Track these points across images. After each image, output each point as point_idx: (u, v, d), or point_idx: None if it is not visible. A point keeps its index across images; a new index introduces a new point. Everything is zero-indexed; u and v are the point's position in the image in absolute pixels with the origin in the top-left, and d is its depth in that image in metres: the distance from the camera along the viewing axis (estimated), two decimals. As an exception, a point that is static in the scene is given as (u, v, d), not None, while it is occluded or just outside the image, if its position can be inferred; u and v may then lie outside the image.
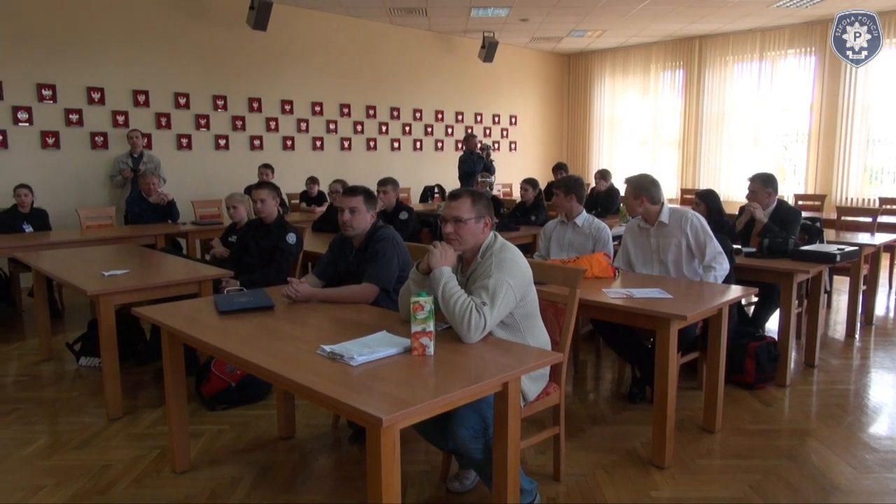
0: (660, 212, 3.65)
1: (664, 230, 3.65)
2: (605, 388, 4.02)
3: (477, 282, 2.35)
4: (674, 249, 3.61)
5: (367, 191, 3.22)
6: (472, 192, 2.51)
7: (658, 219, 3.66)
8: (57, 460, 3.05)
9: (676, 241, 3.60)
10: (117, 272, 3.78)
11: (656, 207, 3.66)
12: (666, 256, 3.64)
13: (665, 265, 3.65)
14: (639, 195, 3.65)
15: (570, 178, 4.28)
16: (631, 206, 3.71)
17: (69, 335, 4.94)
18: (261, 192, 4.24)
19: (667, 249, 3.64)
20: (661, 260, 3.67)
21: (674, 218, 3.63)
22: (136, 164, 7.02)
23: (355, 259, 3.16)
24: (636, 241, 3.80)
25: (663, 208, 3.66)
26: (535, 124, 12.30)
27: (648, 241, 3.72)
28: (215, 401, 3.62)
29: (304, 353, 2.18)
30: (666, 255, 3.64)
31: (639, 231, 3.78)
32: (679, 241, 3.59)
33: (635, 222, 3.82)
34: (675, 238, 3.61)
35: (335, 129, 9.35)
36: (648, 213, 3.67)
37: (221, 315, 2.73)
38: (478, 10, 8.93)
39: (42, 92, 6.82)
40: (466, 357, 2.16)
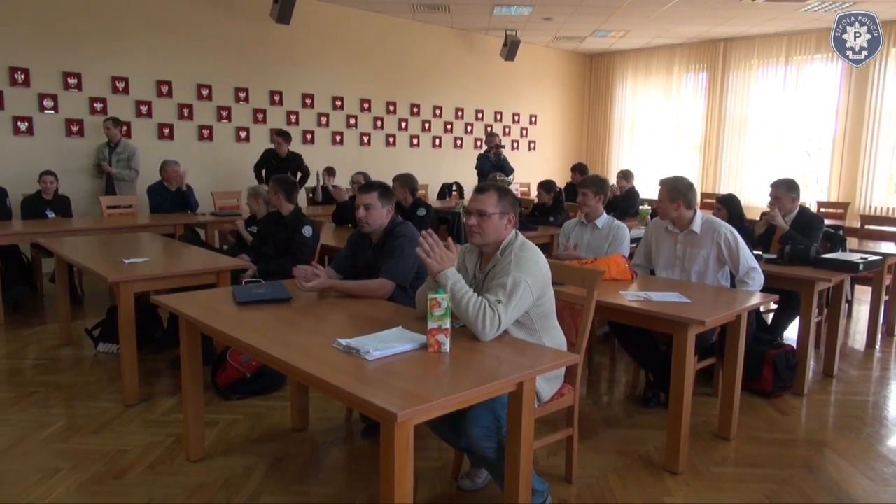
0: (692, 219, 3.56)
1: (693, 239, 3.56)
2: (620, 390, 3.99)
3: (495, 279, 2.34)
4: (700, 261, 3.53)
5: (383, 186, 3.22)
6: (500, 187, 2.50)
7: (689, 226, 3.57)
8: (73, 444, 3.09)
9: (705, 253, 3.51)
10: (137, 260, 3.82)
11: (690, 213, 3.56)
12: (690, 265, 3.56)
13: (687, 273, 3.58)
14: (675, 198, 3.54)
15: (598, 178, 4.24)
16: (665, 209, 3.58)
17: (88, 321, 5.00)
18: (272, 185, 4.32)
19: (693, 259, 3.55)
20: (684, 268, 3.60)
21: (705, 228, 3.52)
22: (111, 154, 6.76)
23: (373, 254, 3.17)
24: (660, 242, 3.72)
25: (696, 216, 3.56)
26: (555, 124, 12.25)
27: (674, 246, 3.64)
28: (230, 390, 3.65)
29: (320, 346, 2.19)
30: (691, 264, 3.56)
31: (665, 233, 3.70)
32: (708, 253, 3.50)
33: (662, 223, 3.73)
34: (703, 249, 3.51)
35: (355, 123, 9.38)
36: (682, 218, 3.56)
37: (239, 305, 2.74)
38: (501, 9, 8.90)
39: (68, 80, 6.90)
40: (482, 355, 2.15)
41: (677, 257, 3.63)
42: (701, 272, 3.54)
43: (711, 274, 3.53)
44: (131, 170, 6.72)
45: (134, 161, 6.78)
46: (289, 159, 7.55)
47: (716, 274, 3.54)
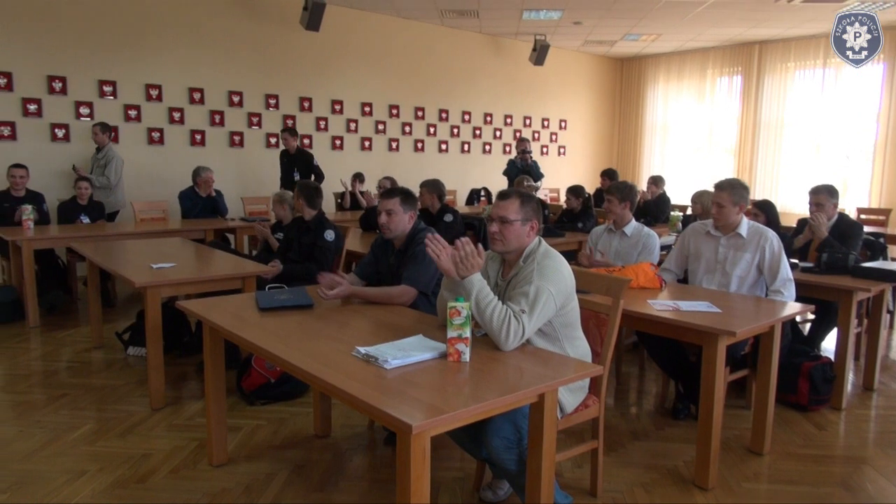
0: (740, 223, 3.50)
1: (738, 242, 3.48)
2: (648, 402, 3.90)
3: (517, 287, 2.30)
4: (744, 265, 3.45)
5: (405, 192, 3.19)
6: (523, 193, 2.45)
7: (736, 230, 3.49)
8: (101, 446, 3.12)
9: (749, 257, 3.44)
10: (165, 265, 3.86)
11: (740, 217, 3.51)
12: (732, 269, 3.47)
13: (728, 277, 3.49)
14: (738, 202, 3.47)
15: (625, 184, 4.16)
16: (727, 213, 3.47)
17: (120, 324, 5.08)
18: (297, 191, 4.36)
19: (736, 262, 3.47)
20: (725, 271, 3.51)
21: (752, 233, 3.47)
22: (92, 161, 6.62)
23: (395, 260, 3.15)
24: (700, 246, 3.63)
25: (743, 220, 3.52)
26: (585, 129, 12.13)
27: (716, 250, 3.56)
28: (255, 395, 3.66)
29: (340, 354, 2.17)
30: (733, 267, 3.47)
31: (706, 237, 3.61)
32: (753, 257, 3.43)
33: (702, 227, 3.66)
34: (748, 253, 3.44)
35: (384, 129, 9.41)
36: (732, 221, 3.50)
37: (261, 312, 2.74)
38: (530, 13, 8.86)
39: (103, 88, 7.06)
40: (503, 365, 2.11)
41: (718, 261, 3.54)
42: (743, 276, 3.46)
43: (752, 279, 3.45)
44: (104, 177, 6.46)
45: (109, 169, 6.50)
46: (296, 157, 7.55)
47: (756, 280, 3.45)
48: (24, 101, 6.61)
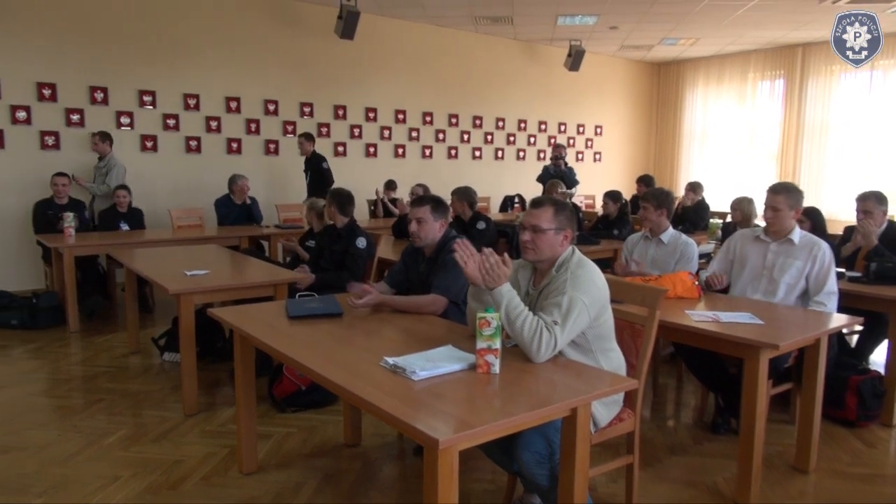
0: (793, 229, 3.39)
1: (789, 249, 3.36)
2: (686, 415, 3.78)
3: (549, 297, 2.24)
4: (793, 272, 3.32)
5: (436, 200, 3.16)
6: (556, 201, 2.40)
7: (788, 235, 3.37)
8: (134, 452, 3.15)
9: (800, 266, 3.31)
10: (199, 272, 3.90)
11: (794, 223, 3.40)
12: (781, 276, 3.34)
13: (776, 284, 3.36)
14: (794, 206, 3.36)
15: (660, 191, 4.06)
16: (782, 218, 3.36)
17: (156, 329, 5.16)
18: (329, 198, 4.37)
19: (785, 269, 3.34)
20: (772, 278, 3.38)
21: (805, 240, 3.35)
22: (95, 167, 6.60)
23: (425, 269, 3.11)
24: (747, 252, 3.51)
25: (796, 226, 3.41)
26: (622, 135, 11.96)
27: (763, 256, 3.43)
28: (286, 403, 3.66)
29: (368, 365, 2.14)
30: (782, 274, 3.34)
31: (754, 241, 3.50)
32: (803, 265, 3.30)
33: (751, 233, 3.56)
34: (799, 261, 3.32)
35: (417, 136, 9.42)
36: (788, 227, 3.38)
37: (291, 320, 2.73)
38: (565, 18, 8.78)
39: (143, 98, 7.21)
40: (534, 378, 2.05)
41: (766, 267, 3.41)
42: (792, 284, 3.33)
43: (801, 288, 3.33)
44: (105, 185, 6.43)
45: (110, 177, 6.45)
46: (310, 159, 7.57)
47: (803, 289, 3.33)
48: (68, 111, 6.79)
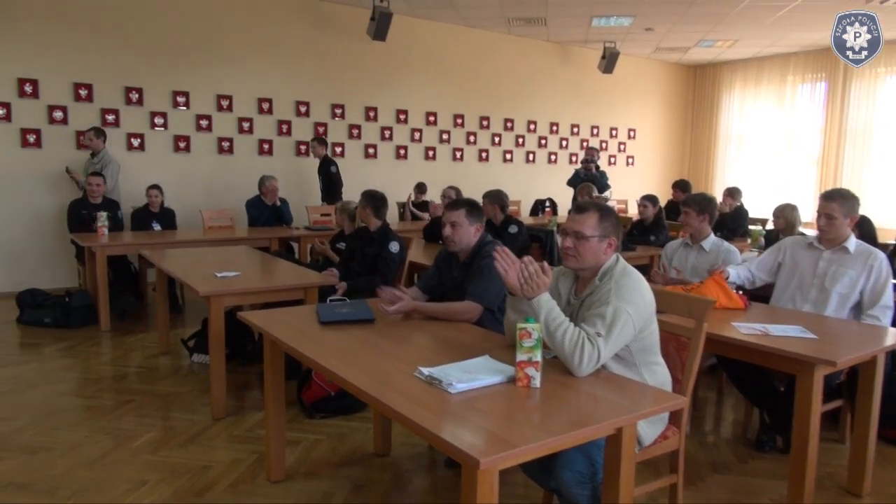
0: (848, 237, 3.23)
1: (843, 258, 3.20)
2: (728, 430, 3.63)
3: (592, 308, 2.13)
4: (847, 281, 3.17)
5: (471, 203, 3.07)
6: (602, 207, 2.28)
7: (843, 243, 3.22)
8: (162, 456, 3.12)
9: (854, 275, 3.16)
10: (229, 274, 3.86)
11: (849, 231, 3.25)
12: (833, 285, 3.19)
13: (827, 294, 3.21)
14: (849, 213, 3.21)
15: (702, 196, 3.91)
16: (837, 226, 3.21)
17: (186, 330, 5.16)
18: (360, 201, 4.28)
19: (838, 279, 3.19)
20: (823, 287, 3.22)
21: (860, 249, 3.20)
22: (89, 165, 6.40)
23: (459, 274, 3.02)
24: (797, 259, 3.37)
25: (851, 234, 3.26)
26: (655, 138, 11.74)
27: (815, 264, 3.28)
28: (314, 408, 3.60)
29: (401, 374, 2.05)
30: (834, 283, 3.19)
31: (806, 249, 3.35)
32: (858, 275, 3.15)
33: (802, 239, 3.42)
34: (853, 271, 3.16)
35: (448, 139, 9.34)
36: (844, 234, 3.23)
37: (322, 325, 2.67)
38: (599, 20, 8.63)
39: (177, 99, 7.26)
40: (575, 392, 1.95)
41: (817, 276, 3.26)
42: (845, 294, 3.17)
43: (855, 299, 3.17)
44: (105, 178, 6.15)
45: (106, 172, 6.23)
46: (320, 164, 7.56)
47: (855, 301, 3.17)
48: (103, 111, 6.86)
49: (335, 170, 7.54)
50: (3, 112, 6.36)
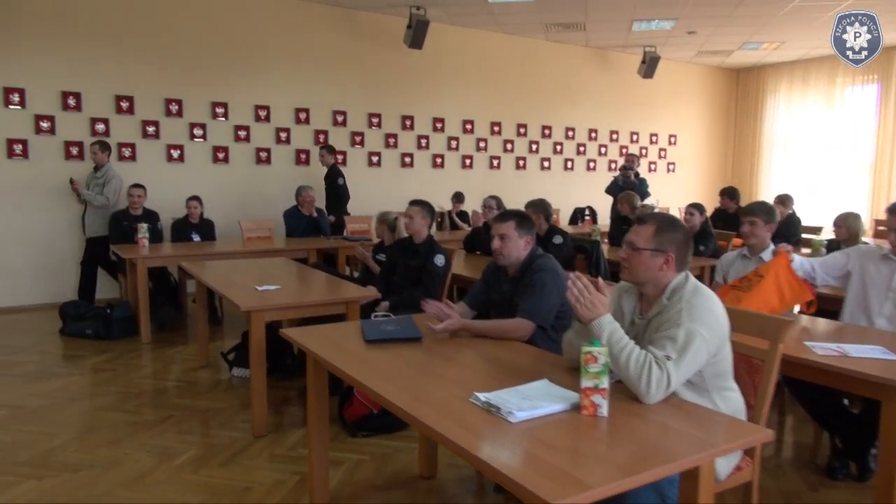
0: None
1: None
2: (794, 454, 3.40)
3: (661, 329, 1.97)
4: None
5: (521, 215, 2.94)
6: (664, 220, 2.14)
7: None
8: (203, 475, 3.04)
9: None
10: (270, 287, 3.79)
11: None
12: None
13: None
14: None
15: (766, 204, 3.72)
16: None
17: (225, 343, 5.12)
18: (411, 209, 4.13)
19: None
20: None
21: None
22: (91, 178, 6.31)
23: (509, 289, 2.88)
24: (869, 271, 3.19)
25: None
26: (697, 144, 11.45)
27: (890, 277, 3.10)
28: (357, 426, 3.49)
29: (455, 400, 1.93)
30: None
31: (880, 260, 3.17)
32: None
33: (875, 251, 3.25)
34: None
35: (485, 147, 9.23)
36: None
37: (367, 343, 2.56)
38: (640, 24, 8.43)
39: (216, 110, 7.28)
40: (644, 422, 1.79)
41: (891, 290, 3.08)
42: None
43: None
44: (102, 196, 6.15)
45: (108, 188, 6.17)
46: (328, 173, 7.37)
47: None
48: (144, 123, 6.91)
49: (342, 182, 7.29)
50: (47, 125, 6.45)
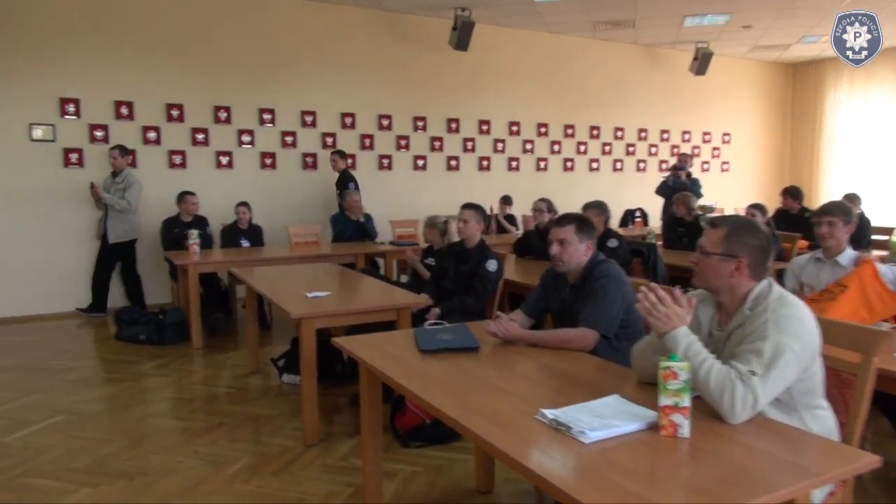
0: None
1: None
2: (884, 474, 3.16)
3: (745, 342, 1.82)
4: None
5: (581, 219, 2.80)
6: (737, 223, 1.99)
7: None
8: (255, 485, 2.99)
9: None
10: (320, 294, 3.74)
11: None
12: None
13: None
14: None
15: (844, 204, 3.50)
16: None
17: (275, 348, 5.11)
18: (465, 213, 4.02)
19: None
20: None
21: None
22: (111, 183, 6.25)
23: (570, 297, 2.75)
24: None
25: None
26: (752, 142, 11.05)
27: None
28: (409, 436, 3.40)
29: (520, 416, 1.82)
30: None
31: None
32: None
33: None
34: None
35: (532, 149, 9.08)
36: None
37: (422, 353, 2.46)
38: (693, 19, 8.16)
39: (263, 116, 7.33)
40: (729, 444, 1.64)
41: None
42: None
43: None
44: (124, 200, 6.14)
45: (129, 193, 6.17)
46: (339, 177, 7.20)
47: None
48: (194, 130, 7.00)
49: (354, 186, 7.09)
50: (101, 134, 6.58)
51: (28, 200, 6.33)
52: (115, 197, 6.15)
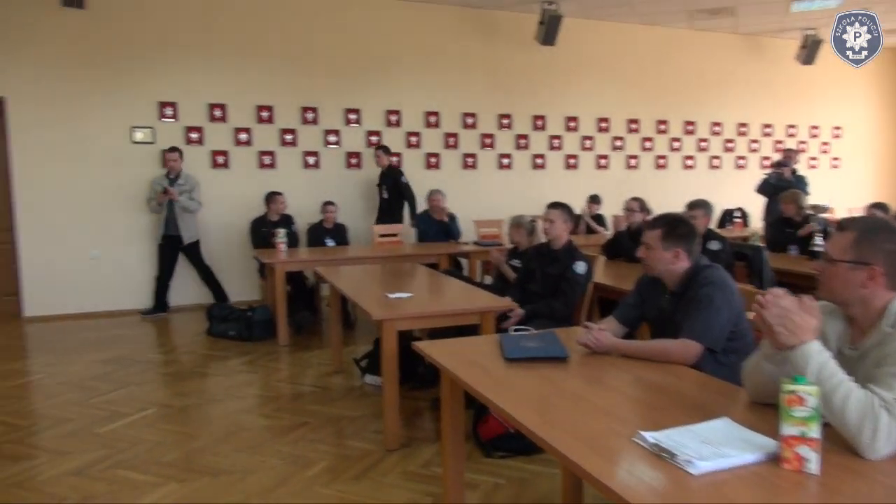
0: None
1: None
2: None
3: (885, 364, 1.56)
4: None
5: (671, 223, 2.53)
6: (869, 225, 1.72)
7: None
8: (335, 489, 2.95)
9: None
10: (401, 295, 3.68)
11: None
12: None
13: None
14: None
15: None
16: None
17: (358, 347, 5.11)
18: (551, 212, 3.84)
19: None
20: None
21: None
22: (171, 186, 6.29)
23: (669, 305, 2.52)
24: None
25: None
26: (866, 136, 10.19)
27: None
28: (491, 446, 3.26)
29: (615, 437, 1.64)
30: None
31: None
32: None
33: None
34: None
35: (621, 146, 8.72)
36: None
37: (506, 362, 2.32)
38: (800, 3, 7.58)
39: (349, 116, 7.39)
40: (867, 482, 1.40)
41: None
42: None
43: None
44: (194, 201, 6.32)
45: (196, 193, 6.35)
46: (385, 173, 6.96)
47: None
48: (282, 131, 7.14)
49: (405, 180, 6.85)
50: (196, 136, 6.82)
51: (129, 199, 6.63)
52: (183, 199, 6.29)
